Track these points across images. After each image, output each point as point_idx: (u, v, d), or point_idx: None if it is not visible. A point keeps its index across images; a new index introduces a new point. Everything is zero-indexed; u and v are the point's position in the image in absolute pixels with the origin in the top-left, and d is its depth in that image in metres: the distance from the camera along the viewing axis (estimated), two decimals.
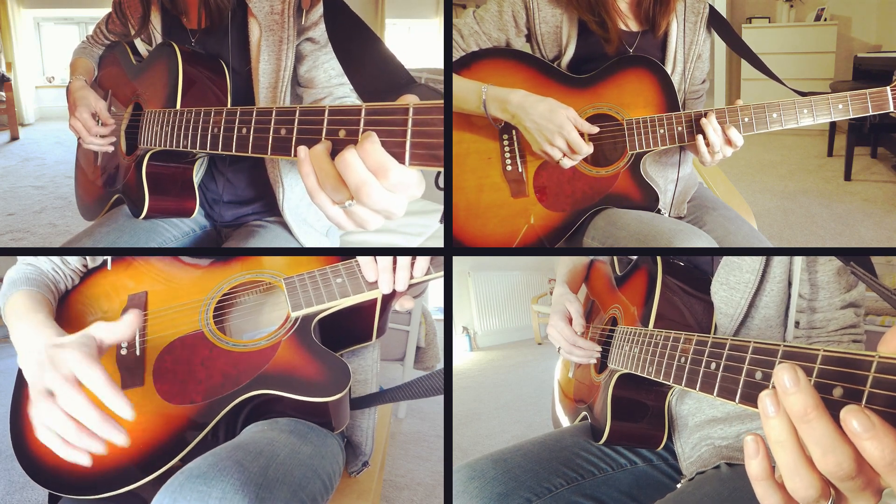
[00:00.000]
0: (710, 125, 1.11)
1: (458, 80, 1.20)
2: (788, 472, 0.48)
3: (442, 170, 0.64)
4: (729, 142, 1.13)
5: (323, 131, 0.69)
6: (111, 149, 1.28)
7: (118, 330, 0.79)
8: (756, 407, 0.57)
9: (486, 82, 1.18)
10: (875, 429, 0.42)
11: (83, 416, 0.70)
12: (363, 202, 0.64)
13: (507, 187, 1.24)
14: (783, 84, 1.25)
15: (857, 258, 0.84)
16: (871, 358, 0.45)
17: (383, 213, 0.66)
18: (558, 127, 1.12)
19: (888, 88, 1.13)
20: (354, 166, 0.62)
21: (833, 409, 0.46)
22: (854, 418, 0.42)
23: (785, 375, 0.46)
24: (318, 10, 1.13)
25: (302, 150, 0.68)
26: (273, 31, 1.13)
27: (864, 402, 0.45)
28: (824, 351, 0.50)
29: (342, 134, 0.67)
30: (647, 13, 1.20)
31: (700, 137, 1.12)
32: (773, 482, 0.50)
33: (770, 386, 0.52)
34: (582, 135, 1.13)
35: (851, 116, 1.14)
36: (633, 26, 1.23)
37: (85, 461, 0.72)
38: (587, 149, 1.14)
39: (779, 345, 0.55)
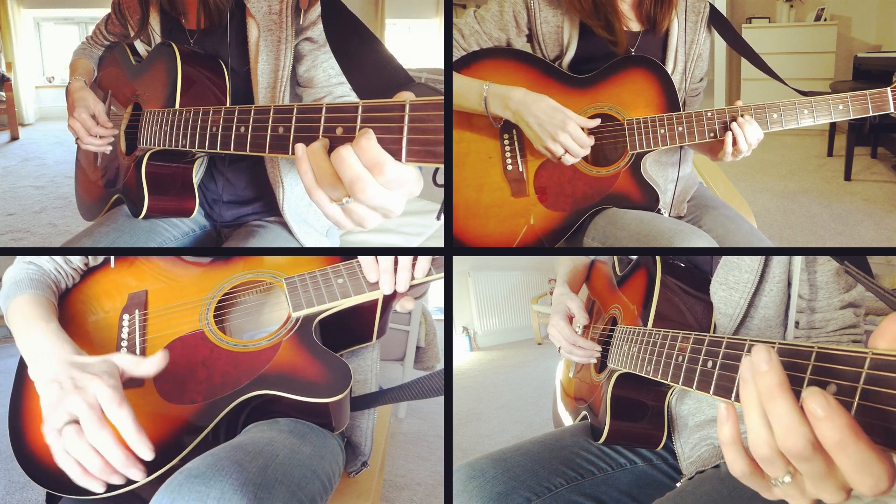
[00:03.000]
0: (747, 125, 1.12)
1: (459, 79, 1.20)
2: (753, 437, 0.51)
3: (440, 166, 0.65)
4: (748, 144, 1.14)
5: (320, 129, 0.69)
6: (109, 149, 1.28)
7: (143, 366, 0.81)
8: None
9: (485, 81, 1.18)
10: (831, 409, 0.44)
11: (108, 453, 0.72)
12: (358, 198, 0.64)
13: (507, 187, 1.24)
14: (783, 83, 1.25)
15: (854, 259, 0.84)
16: (865, 355, 0.45)
17: (380, 209, 0.66)
18: (560, 123, 1.12)
19: (888, 89, 1.13)
20: (349, 161, 0.63)
21: None
22: (813, 400, 0.45)
23: (760, 356, 0.49)
24: (316, 10, 1.13)
25: (300, 147, 0.68)
26: (271, 32, 1.13)
27: (857, 399, 0.45)
28: (818, 348, 0.50)
29: (339, 131, 0.67)
30: (648, 13, 1.20)
31: (729, 138, 1.13)
32: (740, 447, 0.53)
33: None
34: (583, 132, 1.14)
35: (852, 117, 1.15)
36: (634, 26, 1.23)
37: (100, 489, 0.74)
38: (589, 142, 1.14)
39: (774, 343, 0.55)
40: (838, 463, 0.45)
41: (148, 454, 0.73)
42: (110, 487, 0.82)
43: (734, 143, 1.13)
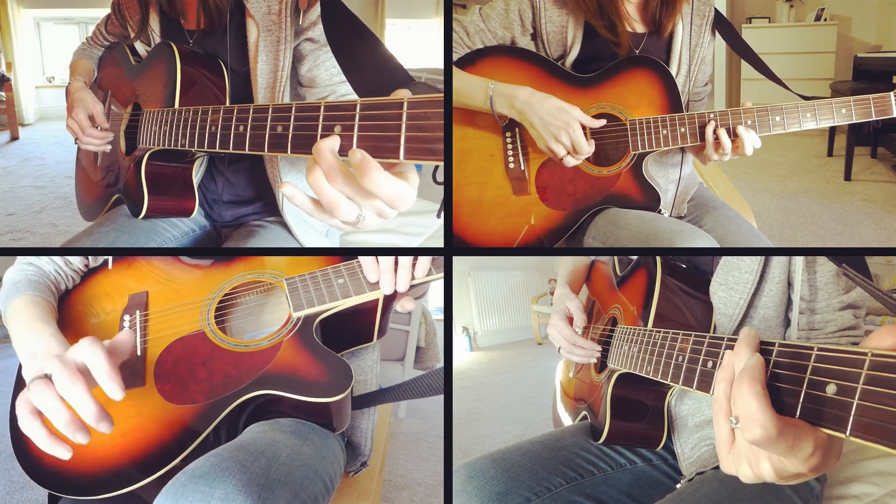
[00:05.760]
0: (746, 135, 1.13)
1: (464, 77, 1.19)
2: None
3: (440, 164, 0.64)
4: (736, 148, 1.13)
5: (319, 127, 0.69)
6: (108, 148, 1.28)
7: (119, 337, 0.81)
8: None
9: (490, 80, 1.18)
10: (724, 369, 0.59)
11: (78, 404, 0.70)
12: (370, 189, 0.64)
13: (509, 185, 1.24)
14: (787, 88, 1.25)
15: (852, 259, 0.84)
16: (864, 356, 0.45)
17: (388, 200, 0.66)
18: (564, 124, 1.12)
19: (892, 94, 1.13)
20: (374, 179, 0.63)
21: (827, 406, 0.48)
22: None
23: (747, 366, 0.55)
24: (316, 10, 1.13)
25: (287, 188, 0.67)
26: (271, 32, 1.13)
27: (857, 399, 0.45)
28: (818, 349, 0.50)
29: (338, 129, 0.67)
30: (654, 15, 1.20)
31: (710, 136, 1.13)
32: (730, 388, 0.62)
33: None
34: (585, 132, 1.14)
35: (854, 121, 1.14)
36: (639, 28, 1.23)
37: (65, 455, 0.72)
38: (589, 148, 1.14)
39: (774, 343, 0.55)
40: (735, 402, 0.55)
41: (118, 394, 0.72)
42: (108, 487, 0.81)
43: (717, 148, 1.13)
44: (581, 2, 1.18)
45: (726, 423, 0.58)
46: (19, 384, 0.93)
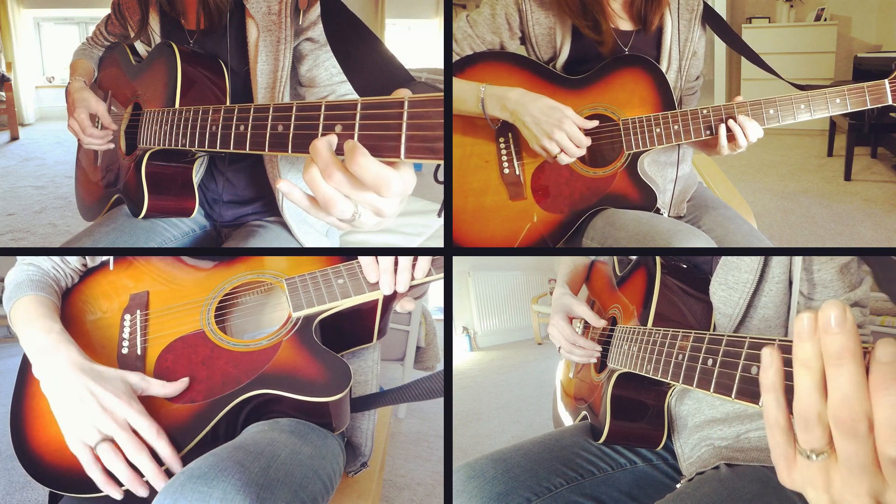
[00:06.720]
0: (748, 124, 1.13)
1: (456, 82, 1.20)
2: (801, 398, 0.46)
3: (441, 163, 0.65)
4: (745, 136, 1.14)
5: (319, 126, 0.69)
6: (111, 146, 1.28)
7: (157, 388, 0.87)
8: (752, 402, 0.57)
9: (481, 83, 1.18)
10: (844, 326, 0.42)
11: (146, 470, 0.80)
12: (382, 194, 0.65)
13: (505, 191, 1.24)
14: (781, 78, 1.25)
15: (883, 260, 0.84)
16: (867, 352, 0.45)
17: (384, 212, 0.68)
18: (557, 121, 1.12)
19: (886, 81, 1.13)
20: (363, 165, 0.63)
21: None
22: (832, 309, 0.43)
23: (832, 313, 0.43)
24: (316, 10, 1.13)
25: (284, 184, 0.69)
26: (271, 32, 1.13)
27: None
28: None
29: (338, 129, 0.68)
30: (639, 11, 1.20)
31: (723, 132, 1.13)
32: (781, 395, 0.49)
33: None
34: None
35: (850, 110, 1.14)
36: (627, 26, 1.23)
37: (118, 496, 0.81)
38: (586, 141, 1.14)
39: (774, 340, 0.55)
40: (831, 378, 0.44)
41: (179, 469, 0.79)
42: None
43: (732, 139, 1.13)
44: (564, 2, 1.18)
45: (784, 439, 0.50)
46: (22, 383, 0.93)
